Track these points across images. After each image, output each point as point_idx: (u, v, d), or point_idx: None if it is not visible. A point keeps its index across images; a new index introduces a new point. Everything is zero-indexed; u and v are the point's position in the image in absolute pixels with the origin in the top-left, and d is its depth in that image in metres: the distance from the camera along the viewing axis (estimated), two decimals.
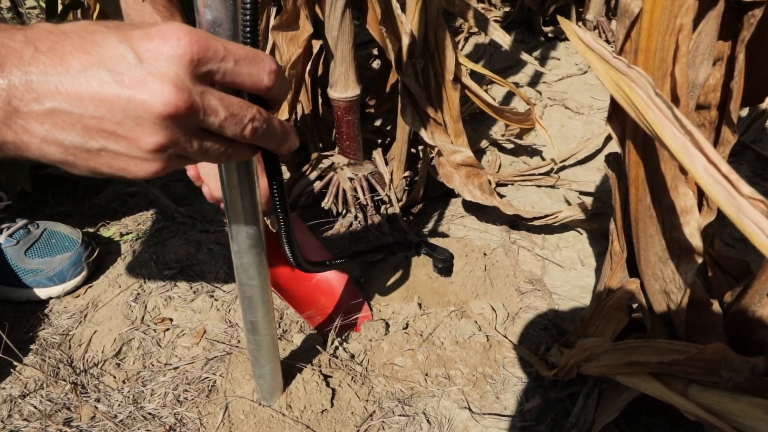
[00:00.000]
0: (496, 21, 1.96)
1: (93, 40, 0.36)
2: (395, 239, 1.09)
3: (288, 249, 0.62)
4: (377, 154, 1.17)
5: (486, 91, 1.65)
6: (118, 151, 0.37)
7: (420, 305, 0.96)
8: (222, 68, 0.38)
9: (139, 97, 0.35)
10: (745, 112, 1.46)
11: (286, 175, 1.24)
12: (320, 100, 1.23)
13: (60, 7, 1.33)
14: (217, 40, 0.38)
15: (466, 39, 2.07)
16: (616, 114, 0.65)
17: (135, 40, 0.36)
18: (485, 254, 1.04)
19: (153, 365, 0.85)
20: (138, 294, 0.97)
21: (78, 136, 0.36)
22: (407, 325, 0.92)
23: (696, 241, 0.58)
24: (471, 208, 1.18)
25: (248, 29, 0.42)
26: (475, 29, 1.91)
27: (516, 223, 1.15)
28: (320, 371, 0.82)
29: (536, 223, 1.09)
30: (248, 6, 0.41)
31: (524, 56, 1.40)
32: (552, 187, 1.27)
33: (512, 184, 1.29)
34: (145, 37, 0.36)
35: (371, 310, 0.95)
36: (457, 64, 1.07)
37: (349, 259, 0.87)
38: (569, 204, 1.22)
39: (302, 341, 0.88)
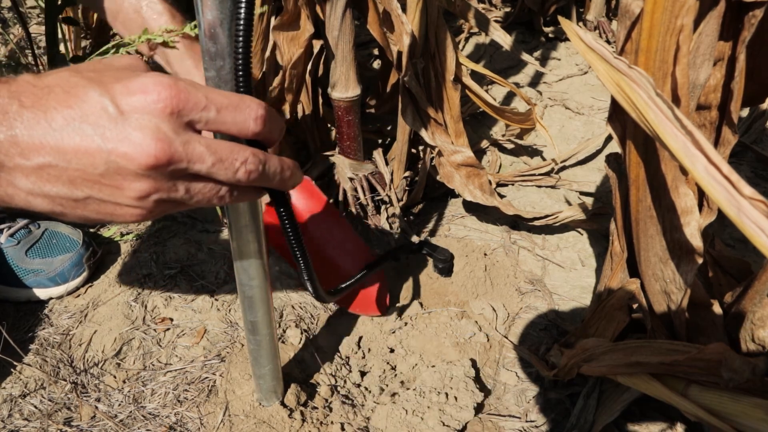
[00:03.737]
0: (496, 21, 1.96)
1: (76, 95, 0.37)
2: (396, 243, 1.08)
3: (309, 285, 0.63)
4: (378, 154, 1.17)
5: (486, 91, 1.65)
6: (104, 199, 0.39)
7: (420, 305, 0.96)
8: (204, 117, 0.39)
9: (120, 150, 0.36)
10: (745, 112, 1.45)
11: None
12: (321, 100, 1.23)
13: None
14: (199, 90, 0.39)
15: (467, 39, 2.07)
16: (617, 114, 0.65)
17: (116, 93, 0.37)
18: (485, 254, 1.04)
19: (153, 365, 0.85)
20: (138, 294, 0.97)
21: (64, 187, 0.38)
22: (407, 324, 0.92)
23: (696, 242, 0.58)
24: (471, 208, 1.18)
25: (241, 75, 0.42)
26: (475, 29, 1.91)
27: (516, 223, 1.15)
28: (321, 371, 0.83)
29: (537, 223, 1.09)
30: (240, 52, 0.41)
31: (525, 56, 1.40)
32: (552, 187, 1.27)
33: (513, 185, 1.29)
34: (125, 91, 0.37)
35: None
36: (458, 65, 1.07)
37: (360, 277, 0.87)
38: (570, 204, 1.22)
39: (302, 341, 0.88)
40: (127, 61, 0.42)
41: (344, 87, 1.03)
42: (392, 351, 0.88)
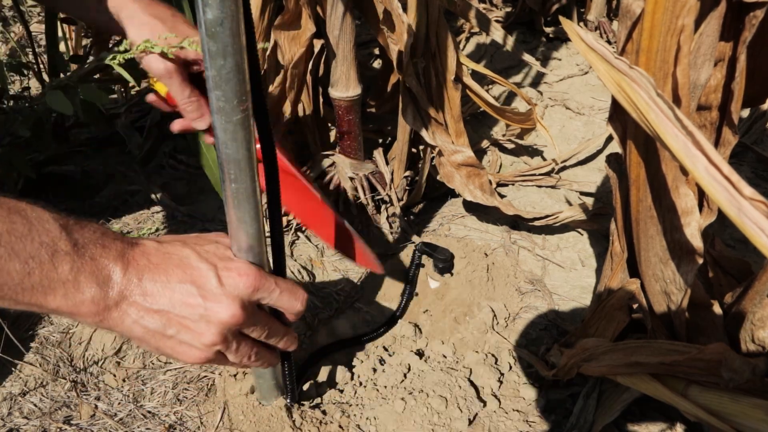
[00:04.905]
0: (497, 21, 1.96)
1: (189, 264, 0.53)
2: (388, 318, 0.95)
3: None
4: (378, 154, 1.17)
5: (487, 91, 1.64)
6: (183, 340, 0.53)
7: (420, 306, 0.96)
8: (270, 297, 0.57)
9: (214, 308, 0.53)
10: (746, 113, 1.45)
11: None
12: (321, 100, 1.23)
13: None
14: (271, 278, 0.57)
15: (468, 39, 2.07)
16: (618, 114, 0.65)
17: (220, 269, 0.54)
18: (486, 254, 1.04)
19: (153, 364, 0.85)
20: None
21: (161, 323, 0.52)
22: (407, 324, 0.92)
23: (697, 242, 0.58)
24: (471, 208, 1.18)
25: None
26: (476, 29, 1.90)
27: (516, 223, 1.15)
28: (320, 371, 0.83)
29: (537, 223, 1.09)
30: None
31: (525, 56, 1.40)
32: (553, 187, 1.27)
33: (513, 185, 1.29)
34: (225, 268, 0.54)
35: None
36: (459, 64, 1.07)
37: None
38: (570, 204, 1.22)
39: (302, 340, 0.88)
40: (221, 242, 0.58)
41: (345, 86, 1.03)
42: (390, 355, 0.88)
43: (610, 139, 1.41)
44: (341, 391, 0.80)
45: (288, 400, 0.75)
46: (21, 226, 0.46)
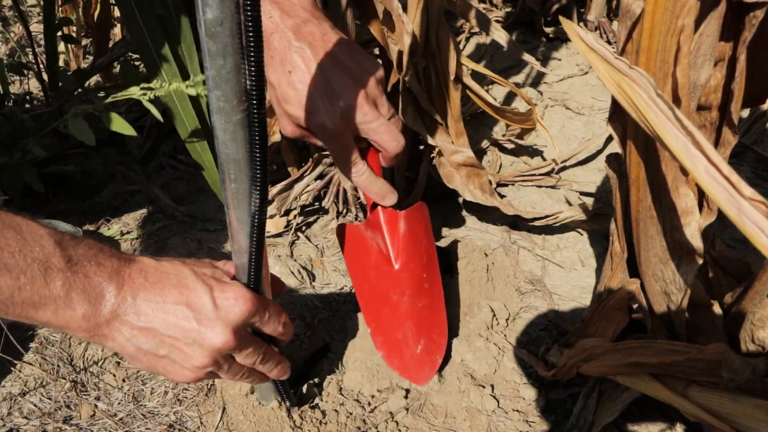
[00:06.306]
0: (497, 21, 1.96)
1: (186, 285, 0.53)
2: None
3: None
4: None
5: (487, 91, 1.64)
6: (175, 360, 0.54)
7: None
8: (261, 321, 0.57)
9: (207, 334, 0.53)
10: (746, 113, 1.45)
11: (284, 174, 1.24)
12: None
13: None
14: (264, 303, 0.57)
15: (468, 39, 2.07)
16: (618, 114, 0.65)
17: (216, 291, 0.54)
18: (486, 254, 1.04)
19: None
20: None
21: (153, 344, 0.52)
22: None
23: (697, 242, 0.58)
24: (471, 208, 1.18)
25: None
26: (476, 29, 1.90)
27: (516, 223, 1.15)
28: (320, 370, 0.83)
29: (537, 223, 1.09)
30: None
31: (525, 56, 1.39)
32: (553, 187, 1.27)
33: (513, 185, 1.29)
34: (222, 292, 0.54)
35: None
36: (459, 65, 1.07)
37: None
38: (570, 204, 1.22)
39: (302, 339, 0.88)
40: (219, 267, 0.60)
41: None
42: None
43: (610, 139, 1.40)
44: (340, 390, 0.80)
45: (288, 405, 0.75)
46: (14, 242, 0.46)
